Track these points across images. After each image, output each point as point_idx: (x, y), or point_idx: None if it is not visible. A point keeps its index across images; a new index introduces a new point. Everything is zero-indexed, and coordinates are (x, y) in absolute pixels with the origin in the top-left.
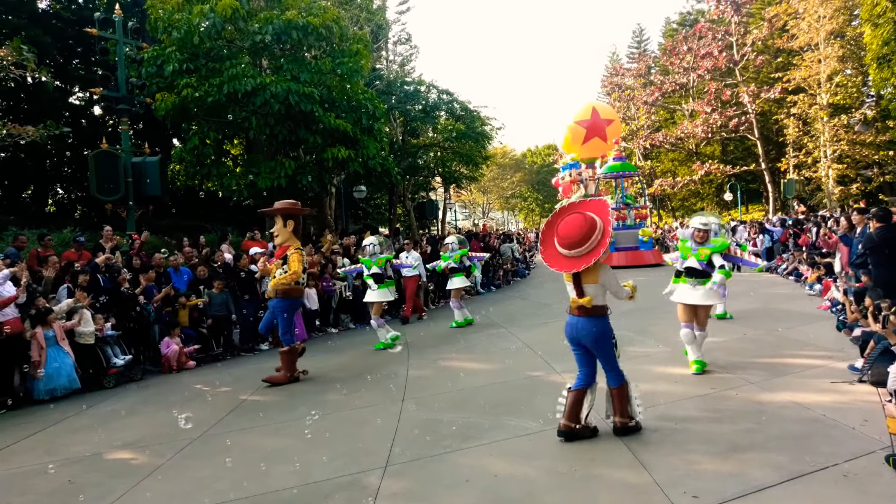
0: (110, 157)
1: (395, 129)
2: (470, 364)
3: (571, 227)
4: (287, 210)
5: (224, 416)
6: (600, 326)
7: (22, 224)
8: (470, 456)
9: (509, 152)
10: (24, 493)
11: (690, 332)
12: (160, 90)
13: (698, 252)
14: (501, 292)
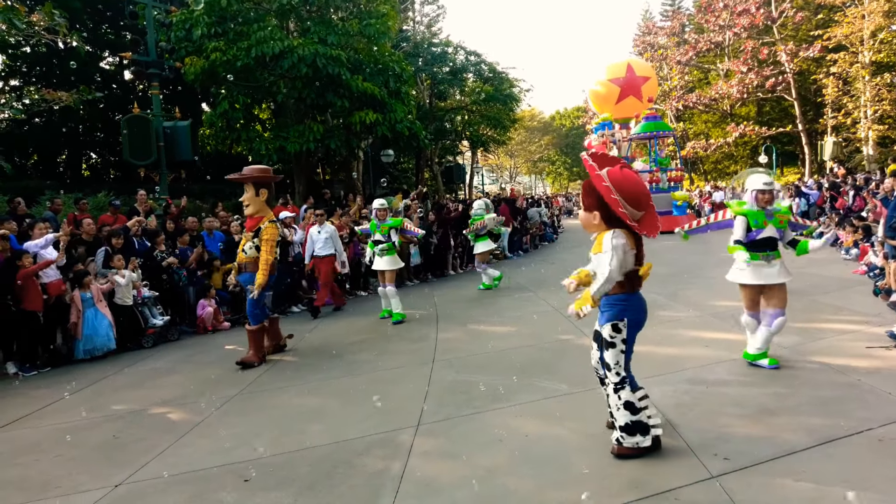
0: (142, 122)
1: (422, 92)
2: (499, 327)
3: (639, 180)
4: (259, 177)
5: (258, 377)
6: None
7: (58, 188)
8: (500, 416)
9: (537, 115)
10: (72, 446)
11: (755, 321)
12: (189, 54)
13: (775, 218)
14: (529, 256)
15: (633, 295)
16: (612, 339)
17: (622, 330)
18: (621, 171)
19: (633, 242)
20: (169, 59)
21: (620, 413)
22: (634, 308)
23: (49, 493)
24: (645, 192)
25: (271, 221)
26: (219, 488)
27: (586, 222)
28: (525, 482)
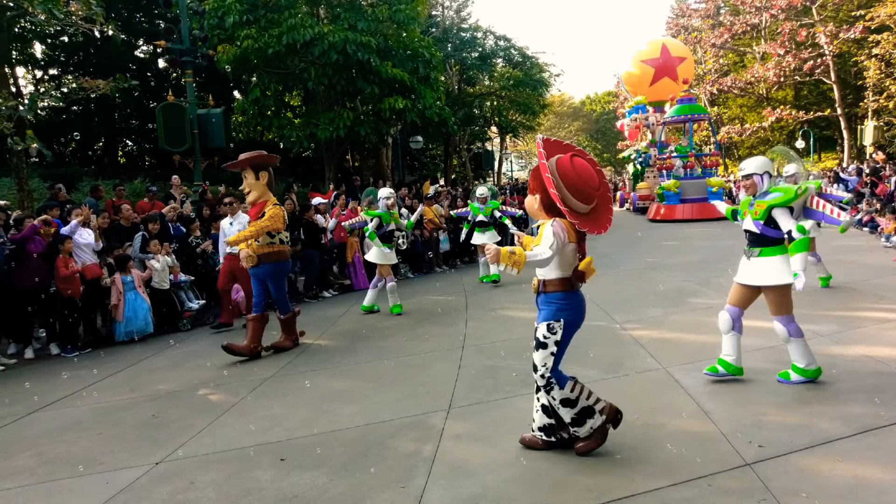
0: (177, 110)
1: (450, 77)
2: (527, 314)
3: (591, 173)
4: (257, 160)
5: (292, 359)
6: None
7: (96, 175)
8: (531, 402)
9: (567, 100)
10: (114, 425)
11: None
12: (221, 42)
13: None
14: None
15: (573, 294)
16: (545, 339)
17: (557, 332)
18: (572, 161)
19: (573, 236)
20: (202, 46)
21: (563, 411)
22: (572, 308)
23: (93, 469)
24: (594, 186)
25: (276, 204)
26: (255, 467)
27: (529, 207)
28: (555, 467)
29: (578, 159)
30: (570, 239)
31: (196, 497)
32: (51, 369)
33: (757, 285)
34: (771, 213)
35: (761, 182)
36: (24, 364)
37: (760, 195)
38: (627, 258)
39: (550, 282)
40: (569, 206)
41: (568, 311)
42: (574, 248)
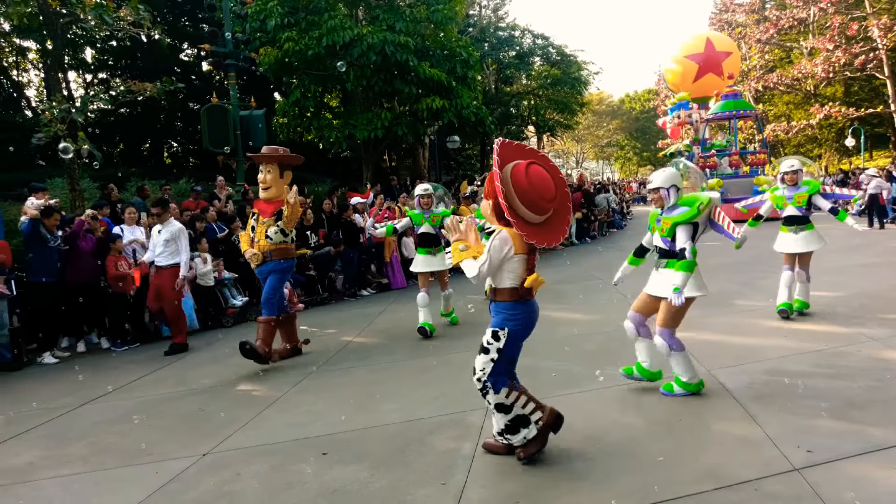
0: (220, 111)
1: (487, 77)
2: (566, 314)
3: (547, 183)
4: (286, 159)
5: (332, 356)
6: None
7: (142, 175)
8: (571, 402)
9: (606, 98)
10: (161, 417)
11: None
12: (263, 45)
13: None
14: (597, 244)
15: (521, 304)
16: (488, 345)
17: (500, 339)
18: (527, 170)
19: (521, 247)
20: (244, 49)
21: (496, 417)
22: (519, 319)
23: (143, 459)
24: (548, 197)
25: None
26: (298, 460)
27: (483, 210)
28: (596, 467)
29: (536, 168)
30: (518, 250)
31: (242, 488)
32: (101, 363)
33: (659, 296)
34: (675, 230)
35: (668, 196)
36: (77, 357)
37: (668, 209)
38: None
39: (500, 291)
40: (519, 216)
41: (514, 322)
42: (523, 259)
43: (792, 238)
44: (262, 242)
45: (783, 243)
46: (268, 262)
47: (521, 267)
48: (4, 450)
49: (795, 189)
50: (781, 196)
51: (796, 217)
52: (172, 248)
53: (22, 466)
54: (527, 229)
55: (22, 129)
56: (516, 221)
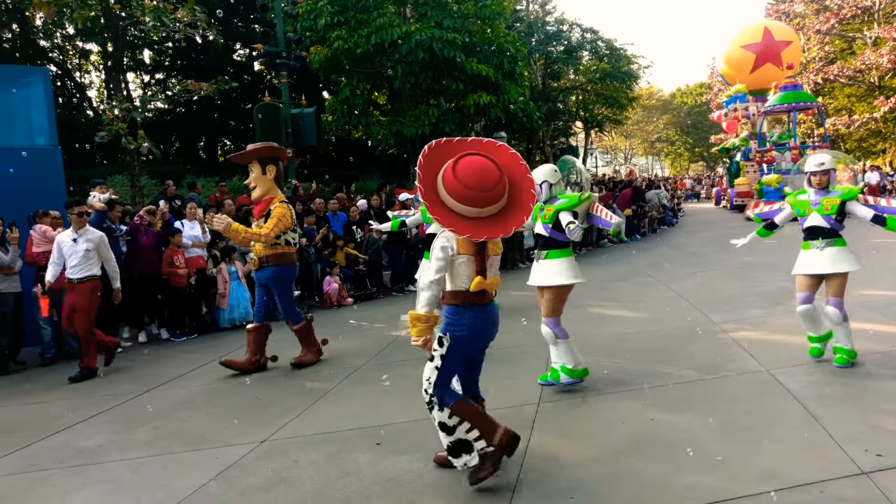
0: (273, 110)
1: (534, 72)
2: (617, 311)
3: (483, 173)
4: (265, 153)
5: (382, 349)
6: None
7: (198, 172)
8: (623, 400)
9: (656, 93)
10: (220, 405)
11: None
12: (313, 44)
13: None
14: (647, 241)
15: (465, 309)
16: (434, 352)
17: (444, 344)
18: (454, 165)
19: (467, 247)
20: (295, 48)
21: (440, 435)
22: (463, 325)
23: (204, 445)
24: (485, 187)
25: (282, 202)
26: (353, 449)
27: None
28: (651, 465)
29: (467, 159)
30: (462, 250)
31: (299, 475)
32: (161, 353)
33: (541, 286)
34: (558, 216)
35: (540, 191)
36: (139, 347)
37: (550, 200)
38: (722, 257)
39: (445, 293)
40: (453, 211)
41: (457, 327)
42: (468, 260)
43: (815, 255)
44: (258, 247)
45: (802, 262)
46: (265, 267)
47: (468, 269)
48: (76, 433)
49: (824, 193)
50: (805, 201)
51: (822, 229)
52: (93, 259)
53: (93, 449)
54: (457, 224)
55: (84, 128)
56: (441, 217)
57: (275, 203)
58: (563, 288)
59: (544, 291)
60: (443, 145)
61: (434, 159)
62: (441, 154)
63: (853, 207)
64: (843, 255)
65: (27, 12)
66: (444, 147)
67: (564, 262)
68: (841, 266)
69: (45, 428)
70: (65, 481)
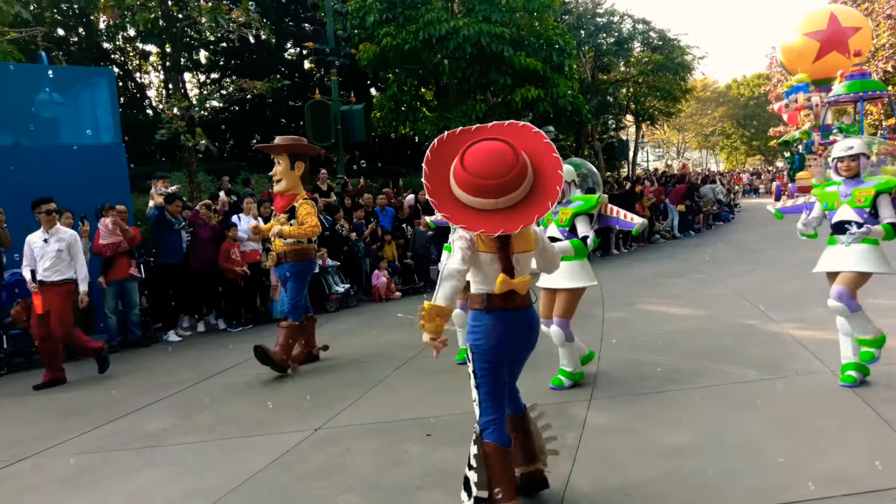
0: (323, 107)
1: (584, 65)
2: (671, 309)
3: (494, 158)
4: (297, 149)
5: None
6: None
7: (251, 168)
8: (679, 398)
9: (711, 84)
10: (276, 393)
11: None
12: (362, 41)
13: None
14: (701, 237)
15: (486, 314)
16: (468, 366)
17: (470, 359)
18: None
19: (488, 244)
20: (345, 46)
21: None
22: (481, 332)
23: (260, 432)
24: (496, 174)
25: (306, 199)
26: (405, 439)
27: None
28: (709, 465)
29: (478, 146)
30: (483, 247)
31: (352, 462)
32: (219, 342)
33: (554, 288)
34: (574, 221)
35: (568, 190)
36: (197, 337)
37: (564, 203)
38: (782, 253)
39: (470, 297)
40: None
41: (476, 335)
42: (491, 258)
43: (839, 251)
44: (277, 242)
45: (826, 259)
46: (283, 263)
47: (491, 268)
48: (140, 417)
49: (855, 183)
50: (834, 193)
51: (853, 224)
52: (66, 260)
53: (156, 432)
54: (467, 218)
55: (144, 126)
56: (450, 214)
57: (299, 200)
58: (578, 291)
59: (557, 294)
60: (456, 136)
61: (445, 152)
62: (454, 146)
63: (882, 203)
64: (872, 254)
65: (92, 16)
66: (458, 138)
67: (579, 265)
68: (866, 266)
69: (112, 411)
70: (131, 462)
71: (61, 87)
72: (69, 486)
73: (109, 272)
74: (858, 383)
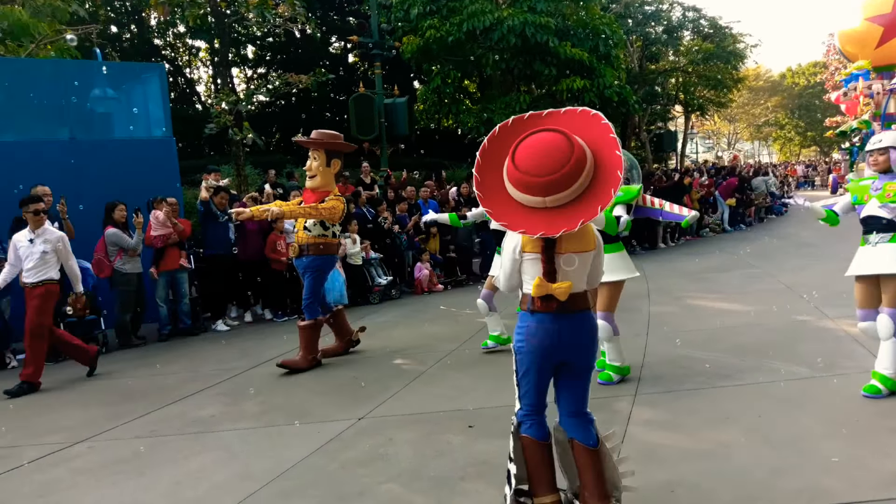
0: (367, 100)
1: (631, 54)
2: (720, 304)
3: (546, 153)
4: (336, 146)
5: (472, 336)
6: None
7: (296, 162)
8: (728, 395)
9: (764, 73)
10: (321, 382)
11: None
12: (406, 34)
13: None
14: (753, 230)
15: (531, 316)
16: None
17: (514, 357)
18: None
19: (532, 244)
20: (389, 39)
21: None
22: (526, 334)
23: (306, 419)
24: (542, 172)
25: (337, 197)
26: (446, 430)
27: None
28: (760, 463)
29: (532, 138)
30: (527, 247)
31: (395, 452)
32: (265, 331)
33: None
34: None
35: None
36: (244, 326)
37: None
38: (837, 248)
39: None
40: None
41: (518, 337)
42: (531, 258)
43: (869, 252)
44: (301, 234)
45: (858, 261)
46: (304, 255)
47: (534, 268)
48: (191, 403)
49: (889, 177)
50: (866, 186)
51: (880, 220)
52: (50, 262)
53: (206, 418)
54: (513, 216)
55: (194, 121)
56: (494, 211)
57: (330, 197)
58: (619, 283)
59: (603, 287)
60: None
61: (502, 142)
62: (515, 134)
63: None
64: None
65: (144, 13)
66: (518, 126)
67: (619, 258)
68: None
69: (163, 397)
70: (182, 446)
71: (115, 82)
72: (122, 468)
73: (161, 263)
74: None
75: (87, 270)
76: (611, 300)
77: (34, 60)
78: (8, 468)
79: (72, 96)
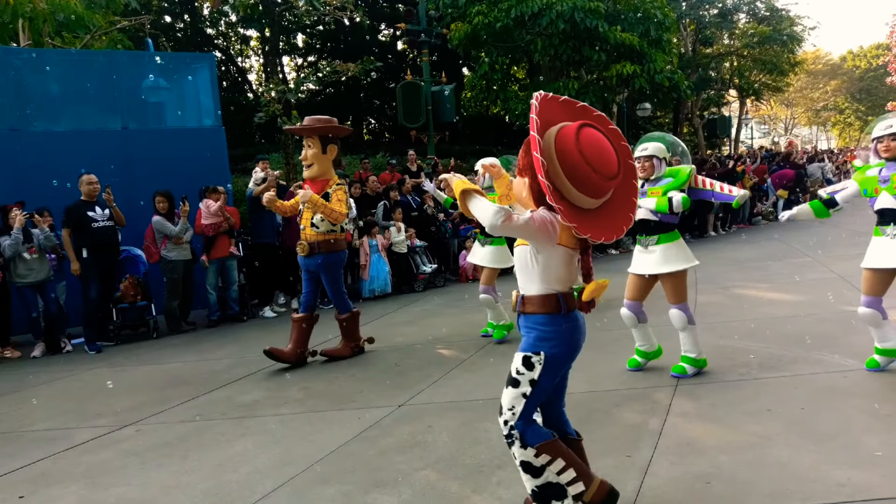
0: (414, 88)
1: (683, 38)
2: (768, 294)
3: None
4: (327, 129)
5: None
6: None
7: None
8: (771, 386)
9: (823, 56)
10: (363, 369)
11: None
12: (454, 20)
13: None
14: None
15: (564, 318)
16: (519, 375)
17: (535, 367)
18: (578, 136)
19: (570, 239)
20: (437, 26)
21: (523, 477)
22: (558, 338)
23: (348, 406)
24: (609, 174)
25: (340, 185)
26: (484, 419)
27: (517, 192)
28: (800, 456)
29: (589, 131)
30: (563, 241)
31: (433, 439)
32: None
33: (655, 273)
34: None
35: (660, 166)
36: (291, 313)
37: (653, 181)
38: None
39: (530, 299)
40: (567, 199)
41: (552, 342)
42: (566, 254)
43: (885, 244)
44: (309, 231)
45: (872, 254)
46: (315, 254)
47: (565, 266)
48: (236, 388)
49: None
50: (874, 177)
51: (893, 213)
52: None
53: (250, 403)
54: (578, 219)
55: (245, 109)
56: (564, 208)
57: (332, 185)
58: (683, 273)
59: (662, 281)
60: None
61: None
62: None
63: None
64: None
65: (196, 3)
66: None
67: (676, 247)
68: None
69: (210, 382)
70: (226, 430)
71: (166, 72)
72: (167, 451)
73: (211, 251)
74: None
75: (139, 257)
76: (679, 291)
77: (88, 52)
78: (60, 449)
79: (124, 87)
